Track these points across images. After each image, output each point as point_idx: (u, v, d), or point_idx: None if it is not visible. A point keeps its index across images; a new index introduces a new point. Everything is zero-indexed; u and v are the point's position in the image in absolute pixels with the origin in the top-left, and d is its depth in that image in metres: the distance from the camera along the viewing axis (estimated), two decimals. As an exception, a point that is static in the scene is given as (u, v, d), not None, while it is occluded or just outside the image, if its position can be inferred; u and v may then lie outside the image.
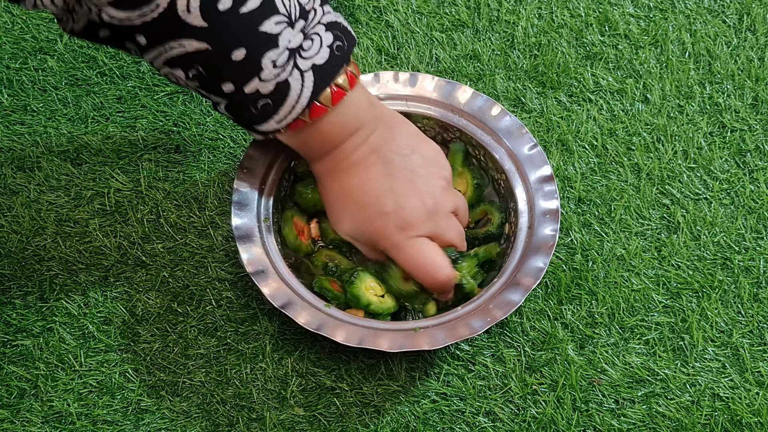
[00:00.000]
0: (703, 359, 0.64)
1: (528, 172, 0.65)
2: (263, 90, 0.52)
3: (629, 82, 0.76)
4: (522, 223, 0.63)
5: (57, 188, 0.70)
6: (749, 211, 0.70)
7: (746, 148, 0.73)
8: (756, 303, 0.66)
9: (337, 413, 0.62)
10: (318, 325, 0.58)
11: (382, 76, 0.68)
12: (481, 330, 0.57)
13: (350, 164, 0.59)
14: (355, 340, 0.57)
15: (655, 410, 0.62)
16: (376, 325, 0.59)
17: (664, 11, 0.81)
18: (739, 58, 0.78)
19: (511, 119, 0.67)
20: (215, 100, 0.55)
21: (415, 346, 0.57)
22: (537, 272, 0.60)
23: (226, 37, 0.50)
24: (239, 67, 0.51)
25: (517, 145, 0.66)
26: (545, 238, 0.62)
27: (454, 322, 0.59)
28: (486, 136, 0.67)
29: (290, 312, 0.58)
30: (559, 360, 0.63)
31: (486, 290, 0.61)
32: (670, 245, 0.68)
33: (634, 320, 0.65)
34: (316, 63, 0.53)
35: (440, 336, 0.58)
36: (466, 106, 0.68)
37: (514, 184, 0.65)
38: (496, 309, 0.59)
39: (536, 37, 0.79)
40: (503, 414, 0.62)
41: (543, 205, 0.64)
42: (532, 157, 0.65)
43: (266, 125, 0.55)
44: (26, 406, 0.62)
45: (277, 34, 0.51)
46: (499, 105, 0.67)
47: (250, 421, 0.61)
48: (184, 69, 0.52)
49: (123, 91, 0.76)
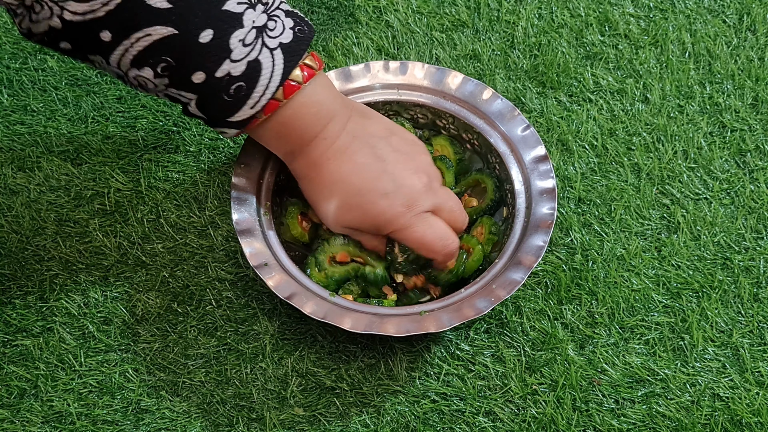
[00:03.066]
0: (703, 359, 0.64)
1: (522, 153, 0.66)
2: (235, 71, 0.52)
3: (629, 82, 0.76)
4: (519, 203, 0.64)
5: (57, 188, 0.70)
6: (749, 211, 0.70)
7: (746, 148, 0.73)
8: (756, 303, 0.66)
9: (337, 413, 0.62)
10: (324, 313, 0.58)
11: (373, 66, 0.69)
12: (487, 310, 0.57)
13: (336, 152, 0.58)
14: (361, 326, 0.57)
15: (655, 410, 0.62)
16: (381, 311, 0.59)
17: (664, 11, 0.81)
18: (739, 58, 0.78)
19: (502, 102, 0.67)
20: (185, 99, 0.54)
21: (422, 329, 0.57)
22: (537, 250, 0.60)
23: (191, 18, 0.49)
24: (208, 50, 0.50)
25: (510, 127, 0.67)
26: (543, 217, 0.62)
27: (459, 304, 0.59)
28: (478, 120, 0.67)
29: (296, 302, 0.58)
30: (559, 360, 0.63)
31: (488, 271, 0.61)
32: (670, 245, 0.68)
33: (634, 320, 0.65)
34: (283, 42, 0.53)
35: (445, 318, 0.58)
36: (457, 92, 0.68)
37: (510, 166, 0.66)
38: (499, 289, 0.59)
39: (536, 37, 0.79)
40: (503, 414, 0.62)
41: (539, 184, 0.64)
42: (526, 138, 0.66)
43: (240, 113, 0.54)
44: (26, 406, 0.62)
45: (241, 14, 0.51)
46: (490, 89, 0.68)
47: (250, 421, 0.61)
48: (152, 65, 0.51)
49: (123, 90, 0.76)
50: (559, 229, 0.69)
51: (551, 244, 0.68)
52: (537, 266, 0.67)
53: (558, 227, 0.69)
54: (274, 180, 0.65)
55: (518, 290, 0.66)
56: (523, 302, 0.66)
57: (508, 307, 0.65)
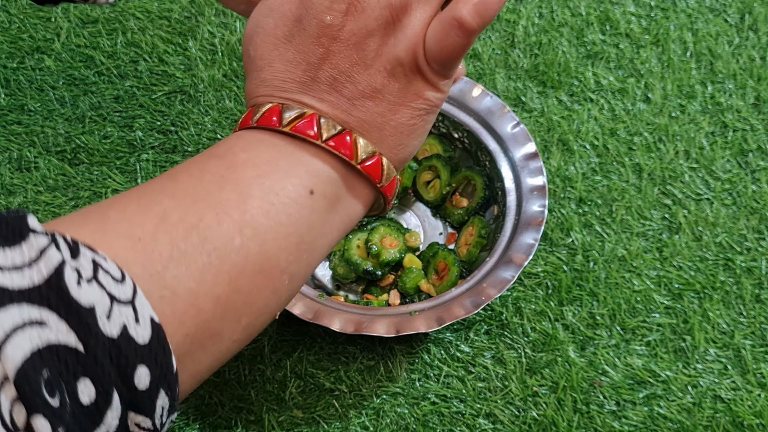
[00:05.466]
0: (704, 361, 0.63)
1: (513, 150, 0.65)
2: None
3: (630, 81, 0.76)
4: (510, 201, 0.64)
5: (54, 188, 0.70)
6: (751, 212, 0.70)
7: (748, 148, 0.73)
8: (758, 304, 0.66)
9: (336, 415, 0.61)
10: (313, 315, 0.58)
11: None
12: (477, 309, 0.57)
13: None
14: (351, 327, 0.57)
15: (657, 412, 0.61)
16: (370, 311, 0.59)
17: (665, 10, 0.80)
18: (740, 58, 0.77)
19: (492, 99, 0.67)
20: None
21: (412, 329, 0.57)
22: (528, 248, 0.60)
23: None
24: None
25: (500, 124, 0.66)
26: (534, 215, 0.62)
27: (449, 303, 0.59)
28: (468, 117, 0.67)
29: None
30: (560, 361, 0.63)
31: (479, 270, 0.61)
32: (672, 246, 0.68)
33: (635, 321, 0.65)
34: None
35: (435, 317, 0.58)
36: None
37: (500, 164, 0.65)
38: (489, 288, 0.59)
39: (537, 36, 0.78)
40: (503, 416, 0.61)
41: (530, 182, 0.64)
42: (516, 136, 0.66)
43: None
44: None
45: None
46: (479, 86, 0.67)
47: (249, 423, 0.61)
48: None
49: (120, 90, 0.75)
50: (559, 230, 0.68)
51: (552, 245, 0.68)
52: (537, 267, 0.66)
53: (559, 228, 0.68)
54: None
55: (518, 291, 0.66)
56: (524, 303, 0.65)
57: (509, 308, 0.65)
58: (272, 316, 0.36)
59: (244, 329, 0.34)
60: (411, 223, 0.70)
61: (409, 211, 0.70)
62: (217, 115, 0.74)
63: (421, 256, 0.66)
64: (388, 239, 0.65)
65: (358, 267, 0.64)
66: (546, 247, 0.68)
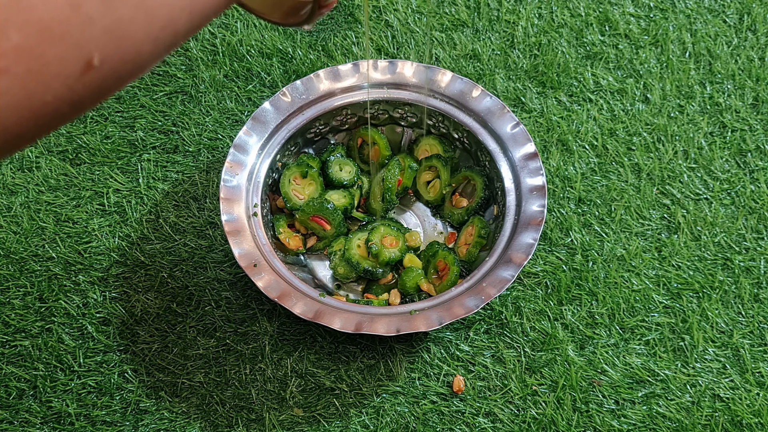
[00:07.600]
0: (703, 360, 0.64)
1: (512, 150, 0.66)
2: None
3: (629, 81, 0.76)
4: (510, 201, 0.64)
5: (56, 188, 0.70)
6: (750, 212, 0.70)
7: (747, 148, 0.73)
8: (756, 303, 0.66)
9: (337, 414, 0.62)
10: (314, 314, 0.58)
11: (362, 65, 0.68)
12: (477, 308, 0.57)
13: None
14: (351, 326, 0.57)
15: (656, 411, 0.62)
16: (371, 310, 0.59)
17: (664, 11, 0.81)
18: (739, 58, 0.78)
19: (491, 100, 0.67)
20: None
21: (413, 328, 0.57)
22: (528, 248, 0.60)
23: None
24: None
25: (499, 124, 0.67)
26: (533, 215, 0.62)
27: (449, 303, 0.59)
28: (468, 117, 0.67)
29: (285, 303, 0.58)
30: (559, 360, 0.63)
31: (478, 269, 0.61)
32: (671, 245, 0.68)
33: (634, 321, 0.65)
34: None
35: (435, 317, 0.58)
36: (446, 89, 0.68)
37: (499, 164, 0.66)
38: (489, 287, 0.59)
39: (536, 36, 0.79)
40: (503, 415, 0.61)
41: (529, 182, 0.64)
42: (515, 136, 0.66)
43: None
44: (25, 406, 0.61)
45: None
46: (479, 86, 0.68)
47: (249, 421, 0.61)
48: None
49: (122, 90, 0.75)
50: (559, 230, 0.69)
51: (551, 245, 0.68)
52: (537, 267, 0.67)
53: (558, 227, 0.69)
54: (264, 178, 0.65)
55: (518, 290, 0.66)
56: (523, 303, 0.65)
57: (508, 307, 0.65)
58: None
59: None
60: (411, 223, 0.70)
61: (409, 211, 0.71)
62: (218, 116, 0.74)
63: (421, 255, 0.66)
64: (389, 239, 0.65)
65: (358, 266, 0.64)
66: (545, 247, 0.68)
